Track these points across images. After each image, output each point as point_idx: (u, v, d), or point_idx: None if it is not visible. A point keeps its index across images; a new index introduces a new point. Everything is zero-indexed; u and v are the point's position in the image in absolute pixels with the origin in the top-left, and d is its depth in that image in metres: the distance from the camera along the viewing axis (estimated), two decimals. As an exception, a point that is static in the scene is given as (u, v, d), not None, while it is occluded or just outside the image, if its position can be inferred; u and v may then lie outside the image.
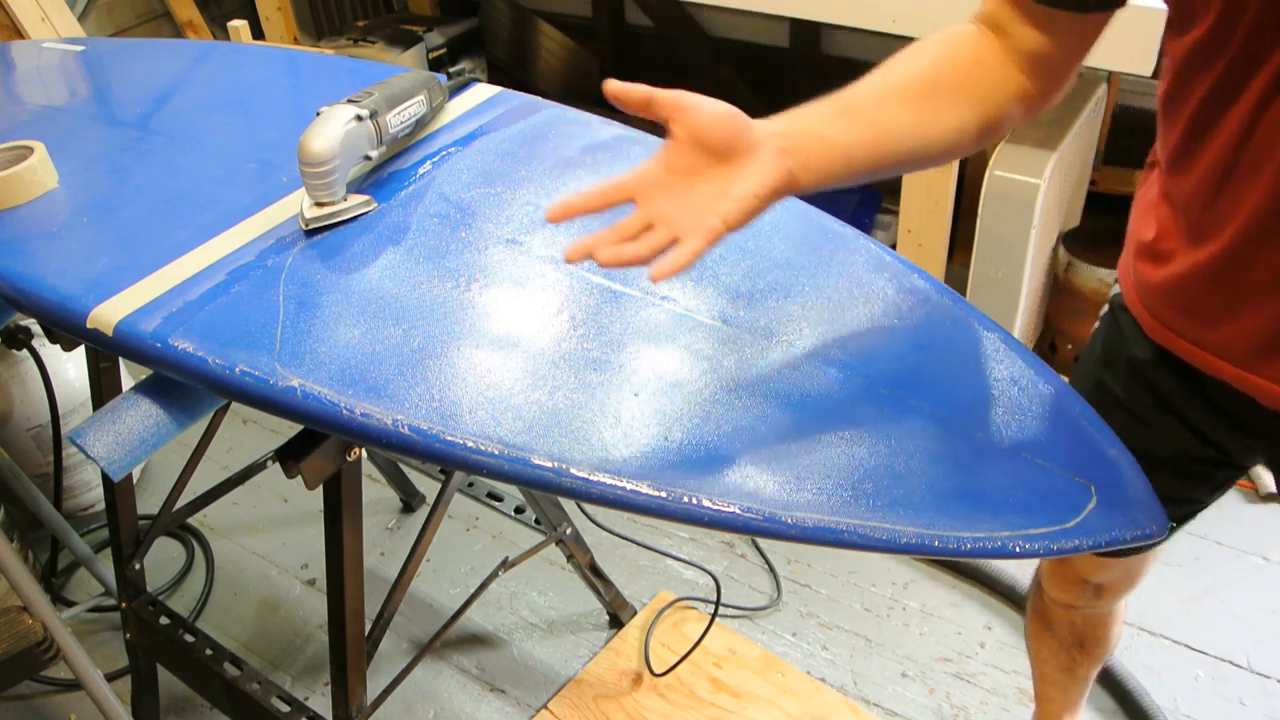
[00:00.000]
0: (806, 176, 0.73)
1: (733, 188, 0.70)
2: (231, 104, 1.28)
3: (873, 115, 0.75)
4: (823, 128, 0.74)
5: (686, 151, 0.71)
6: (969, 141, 0.78)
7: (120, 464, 0.86)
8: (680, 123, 0.71)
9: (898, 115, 0.75)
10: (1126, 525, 0.73)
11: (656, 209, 0.72)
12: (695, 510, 0.73)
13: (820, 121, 0.74)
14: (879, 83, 0.76)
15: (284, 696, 1.29)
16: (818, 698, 1.56)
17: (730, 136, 0.70)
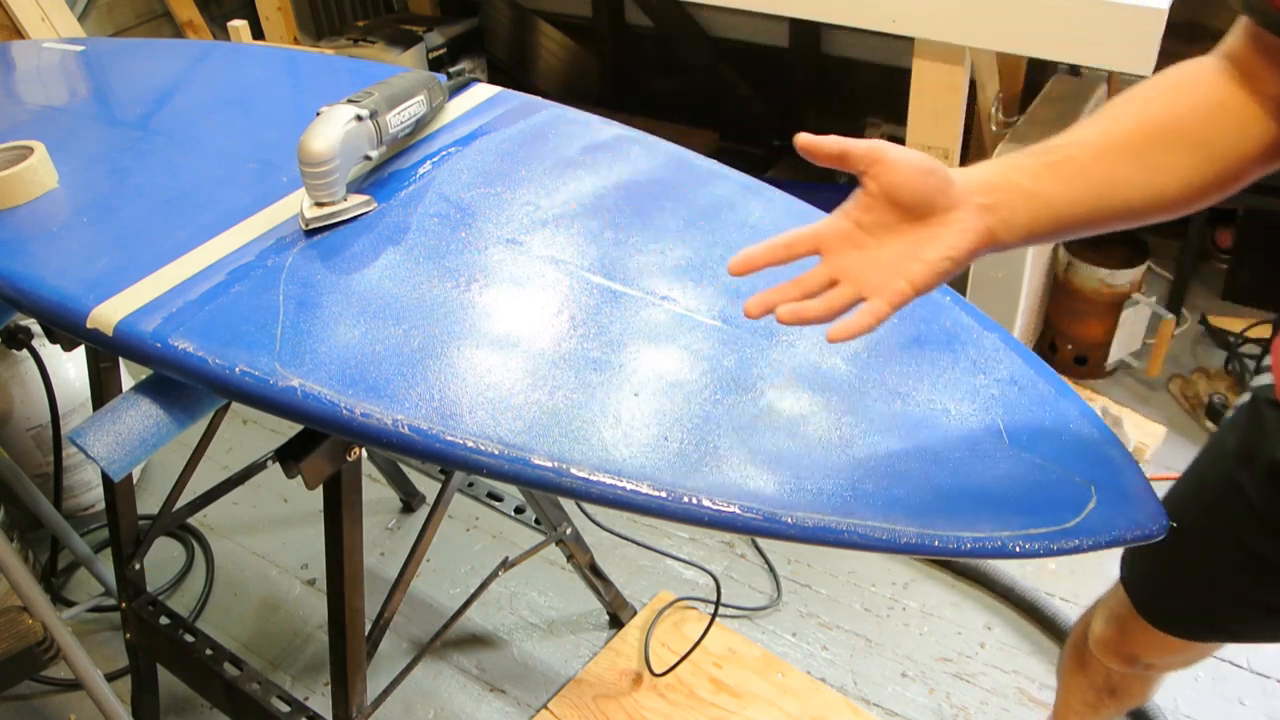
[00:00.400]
0: (1009, 235, 0.68)
1: (925, 249, 0.66)
2: (231, 104, 1.28)
3: (1090, 169, 0.68)
4: (1031, 182, 0.67)
5: (879, 207, 0.67)
6: (1202, 197, 0.69)
7: (120, 464, 0.86)
8: (875, 177, 0.67)
9: (1120, 168, 0.67)
10: (1127, 525, 0.73)
11: (841, 264, 0.68)
12: (695, 510, 0.73)
13: (1028, 175, 0.68)
14: (1101, 131, 0.69)
15: (284, 696, 1.29)
16: (818, 698, 1.56)
17: (928, 193, 0.66)
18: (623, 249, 0.95)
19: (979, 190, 0.67)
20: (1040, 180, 0.67)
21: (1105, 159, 0.68)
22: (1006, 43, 1.54)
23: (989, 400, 0.82)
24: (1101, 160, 0.68)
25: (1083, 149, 0.68)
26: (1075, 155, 0.68)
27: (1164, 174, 0.68)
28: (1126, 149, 0.68)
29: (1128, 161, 0.67)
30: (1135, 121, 0.68)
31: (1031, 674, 1.60)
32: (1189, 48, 2.26)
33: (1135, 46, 1.43)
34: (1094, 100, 2.03)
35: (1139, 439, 1.93)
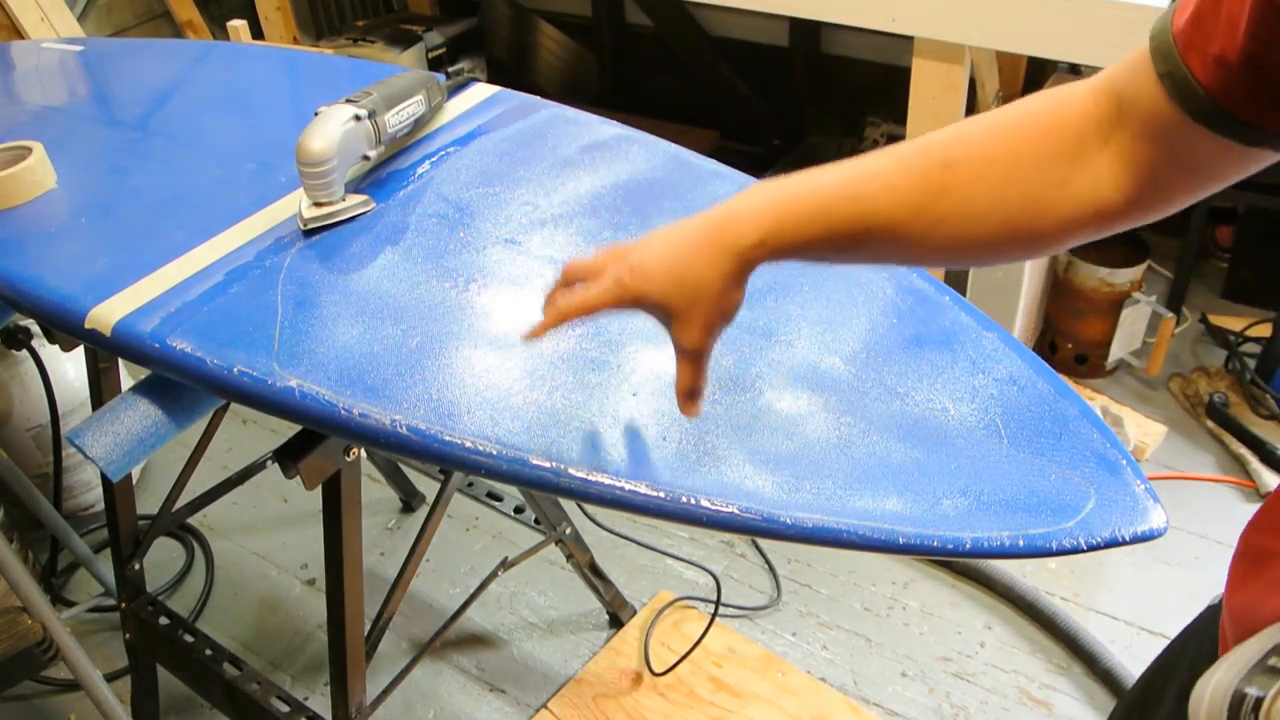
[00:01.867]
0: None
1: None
2: (230, 104, 1.28)
3: (857, 171, 0.61)
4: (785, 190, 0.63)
5: None
6: (992, 244, 0.59)
7: (119, 464, 0.86)
8: None
9: (893, 178, 0.60)
10: (1127, 525, 0.73)
11: None
12: (694, 510, 0.73)
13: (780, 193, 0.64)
14: (911, 147, 0.61)
15: (284, 696, 1.29)
16: (818, 697, 1.56)
17: None
18: (622, 249, 0.95)
19: None
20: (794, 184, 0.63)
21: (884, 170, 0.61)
22: (1006, 41, 1.54)
23: (988, 400, 0.82)
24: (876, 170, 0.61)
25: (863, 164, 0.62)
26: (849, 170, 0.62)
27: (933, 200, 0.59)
28: (918, 159, 0.61)
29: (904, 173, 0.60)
30: (945, 135, 0.61)
31: (1031, 674, 1.60)
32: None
33: (1135, 46, 1.42)
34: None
35: (1139, 438, 1.93)
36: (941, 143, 0.60)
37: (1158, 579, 1.72)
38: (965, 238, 0.60)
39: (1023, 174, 0.58)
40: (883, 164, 0.61)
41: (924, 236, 0.60)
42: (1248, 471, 1.89)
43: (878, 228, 0.61)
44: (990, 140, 0.59)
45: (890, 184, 0.60)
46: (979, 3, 1.50)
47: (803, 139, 2.88)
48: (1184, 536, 1.79)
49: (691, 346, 0.68)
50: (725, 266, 0.65)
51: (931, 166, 0.59)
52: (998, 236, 0.59)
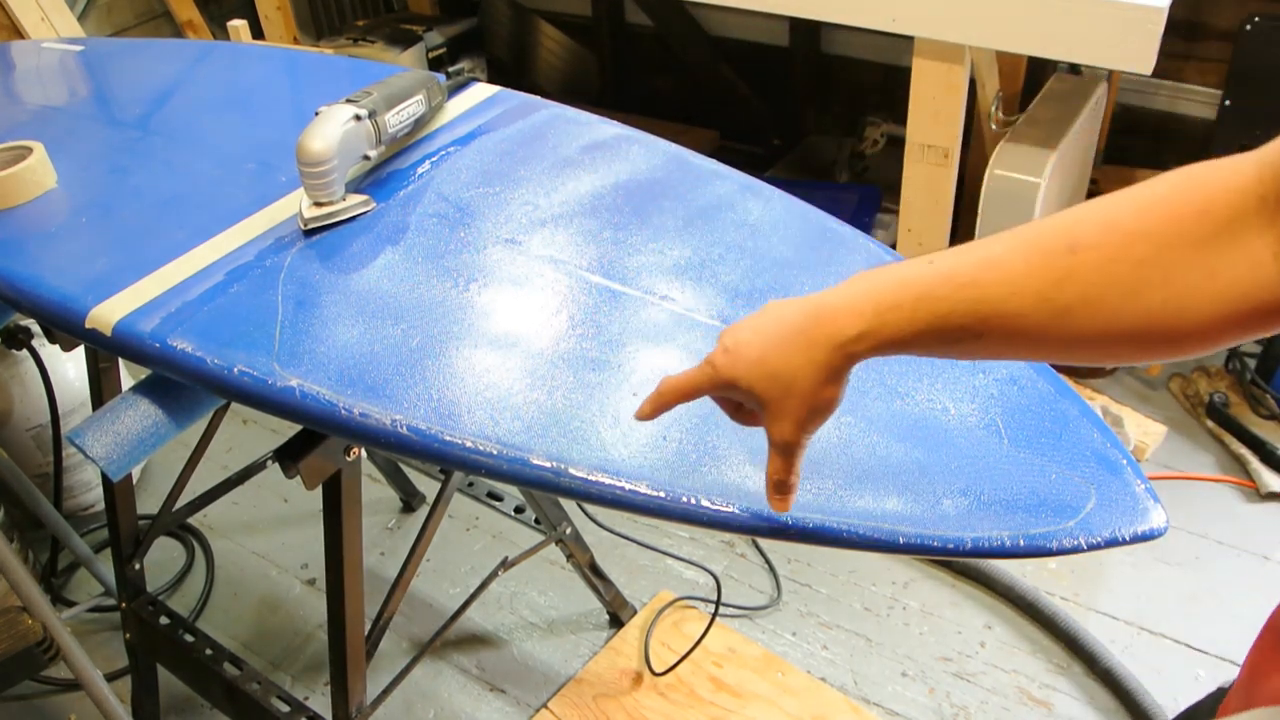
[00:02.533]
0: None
1: None
2: (231, 104, 1.28)
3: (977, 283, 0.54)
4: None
5: None
6: (1125, 342, 0.53)
7: (119, 464, 0.86)
8: None
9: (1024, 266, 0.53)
10: (1126, 525, 0.73)
11: None
12: (694, 510, 0.73)
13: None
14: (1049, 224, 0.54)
15: (284, 696, 1.29)
16: (818, 697, 1.56)
17: None
18: (622, 248, 0.95)
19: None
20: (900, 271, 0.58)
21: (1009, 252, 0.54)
22: (1006, 41, 1.54)
23: (989, 399, 0.82)
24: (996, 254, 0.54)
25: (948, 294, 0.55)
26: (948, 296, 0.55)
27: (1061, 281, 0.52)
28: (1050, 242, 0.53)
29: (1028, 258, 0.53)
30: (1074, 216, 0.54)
31: (1031, 673, 1.60)
32: (1189, 46, 2.26)
33: (1135, 45, 1.43)
34: (1094, 99, 2.03)
35: (1139, 438, 1.93)
36: (1067, 222, 0.54)
37: (1158, 579, 1.72)
38: (1094, 333, 0.52)
39: (1163, 260, 0.50)
40: (999, 247, 0.55)
41: (1045, 330, 0.53)
42: (1248, 471, 1.89)
43: (992, 318, 0.54)
44: (1124, 220, 0.52)
45: (1006, 269, 0.54)
46: (979, 3, 1.50)
47: (803, 139, 2.88)
48: (1184, 536, 1.79)
49: (781, 440, 0.64)
50: (821, 361, 0.59)
51: (1055, 250, 0.52)
52: (1132, 333, 0.52)
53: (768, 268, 0.93)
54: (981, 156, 1.98)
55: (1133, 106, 2.46)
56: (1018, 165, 1.79)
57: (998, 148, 1.83)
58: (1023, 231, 0.55)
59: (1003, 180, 1.79)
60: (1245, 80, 2.05)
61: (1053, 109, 1.96)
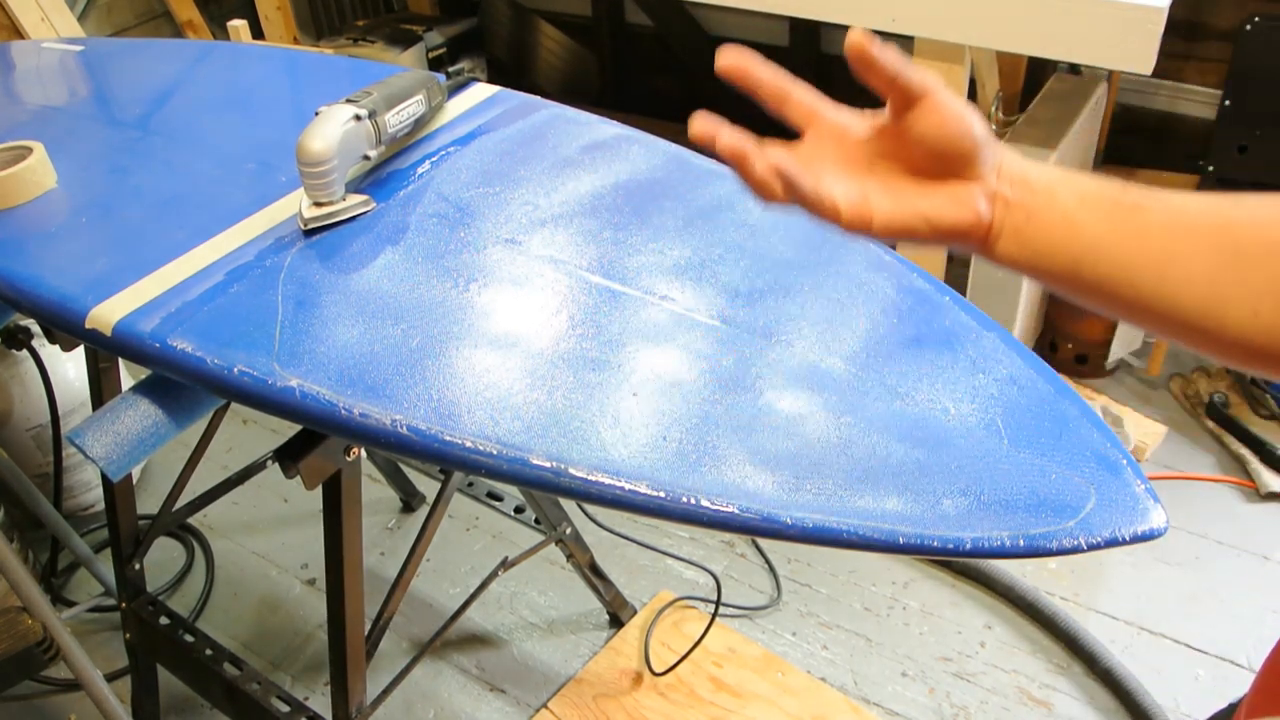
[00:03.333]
0: (1010, 245, 0.55)
1: (909, 196, 0.56)
2: (231, 104, 1.28)
3: (1154, 233, 0.53)
4: (1075, 205, 0.54)
5: (898, 138, 0.57)
6: (1254, 345, 0.52)
7: (119, 464, 0.86)
8: (919, 118, 0.56)
9: (1192, 257, 0.52)
10: (1126, 525, 0.73)
11: (818, 154, 0.58)
12: (694, 510, 0.73)
13: (1077, 197, 0.54)
14: (1207, 206, 0.54)
15: (284, 696, 1.29)
16: (818, 697, 1.56)
17: (952, 152, 0.55)
18: (622, 248, 0.95)
19: (1013, 180, 0.55)
20: (1088, 209, 0.54)
21: (1183, 235, 0.53)
22: (1006, 41, 1.54)
23: (989, 400, 0.82)
24: (1177, 234, 0.53)
25: (1163, 210, 0.53)
26: (1148, 209, 0.53)
27: (1228, 290, 0.51)
28: (1215, 235, 0.52)
29: (1207, 254, 0.52)
30: (1252, 215, 0.52)
31: (1031, 673, 1.60)
32: (1189, 46, 2.26)
33: (1135, 45, 1.43)
34: (1094, 99, 2.03)
35: (1139, 438, 1.93)
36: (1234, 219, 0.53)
37: (1158, 579, 1.72)
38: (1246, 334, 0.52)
39: None
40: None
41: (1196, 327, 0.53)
42: (1248, 471, 1.89)
43: (1154, 314, 0.54)
44: None
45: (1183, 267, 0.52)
46: (979, 3, 1.50)
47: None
48: (1184, 536, 1.79)
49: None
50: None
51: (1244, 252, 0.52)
52: None
53: (768, 268, 0.93)
54: (981, 156, 1.98)
55: (1133, 106, 2.46)
56: (1018, 165, 1.78)
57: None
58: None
59: (1003, 180, 1.78)
60: (1245, 80, 2.05)
61: (1053, 109, 1.96)
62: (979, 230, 0.56)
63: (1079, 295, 0.56)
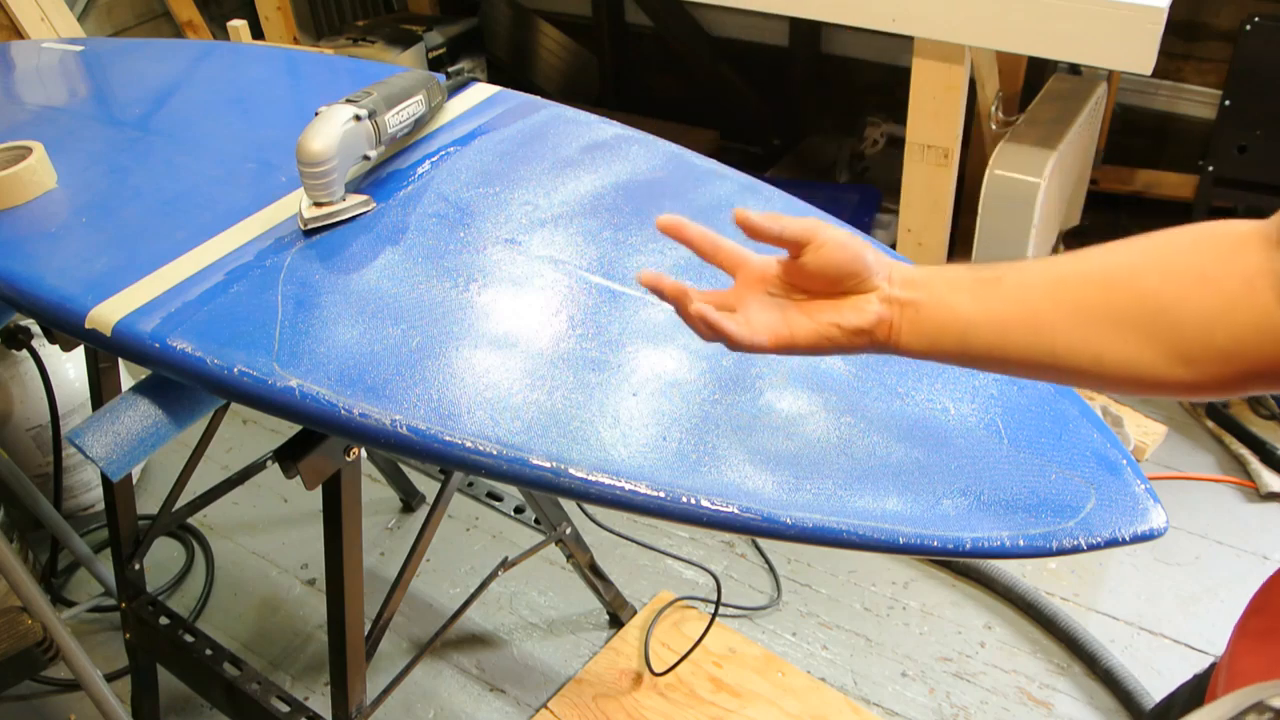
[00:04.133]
0: (910, 338, 0.64)
1: (821, 312, 0.66)
2: (231, 104, 1.28)
3: (1019, 301, 0.61)
4: (949, 291, 0.63)
5: (802, 274, 0.67)
6: (1156, 383, 0.58)
7: (119, 464, 0.86)
8: (805, 256, 0.66)
9: (1053, 313, 0.60)
10: (1126, 525, 0.73)
11: (745, 296, 0.69)
12: (694, 510, 0.73)
13: (949, 284, 0.64)
14: (1057, 264, 0.62)
15: (284, 696, 1.29)
16: (818, 697, 1.56)
17: (846, 272, 0.66)
18: (622, 248, 0.95)
19: (901, 284, 0.65)
20: (958, 291, 0.63)
21: (1039, 295, 0.61)
22: (1006, 41, 1.54)
23: (988, 399, 0.82)
24: (1033, 295, 0.61)
25: (1020, 277, 0.62)
26: (1003, 279, 0.62)
27: (1108, 341, 0.58)
28: (1064, 295, 0.60)
29: (1065, 310, 0.59)
30: (1100, 263, 0.60)
31: (1031, 673, 1.60)
32: (1189, 46, 2.26)
33: (1135, 45, 1.43)
34: (1094, 99, 2.03)
35: (1139, 438, 1.93)
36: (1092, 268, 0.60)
37: (1158, 579, 1.72)
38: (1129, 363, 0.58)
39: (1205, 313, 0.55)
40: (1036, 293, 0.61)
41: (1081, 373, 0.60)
42: (1248, 471, 1.89)
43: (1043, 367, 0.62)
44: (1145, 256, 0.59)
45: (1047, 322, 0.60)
46: (979, 3, 1.50)
47: (803, 139, 2.88)
48: (1184, 536, 1.79)
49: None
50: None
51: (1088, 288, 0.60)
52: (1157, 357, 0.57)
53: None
54: (981, 156, 1.98)
55: (1133, 106, 2.46)
56: (1018, 165, 1.79)
57: (998, 148, 1.83)
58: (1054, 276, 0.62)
59: (1003, 180, 1.79)
60: (1245, 80, 2.05)
61: (1053, 109, 1.96)
62: (882, 328, 0.65)
63: (979, 365, 0.65)
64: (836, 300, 0.66)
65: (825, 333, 0.66)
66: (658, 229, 0.71)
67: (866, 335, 0.65)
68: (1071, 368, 0.60)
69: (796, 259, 0.67)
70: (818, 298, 0.67)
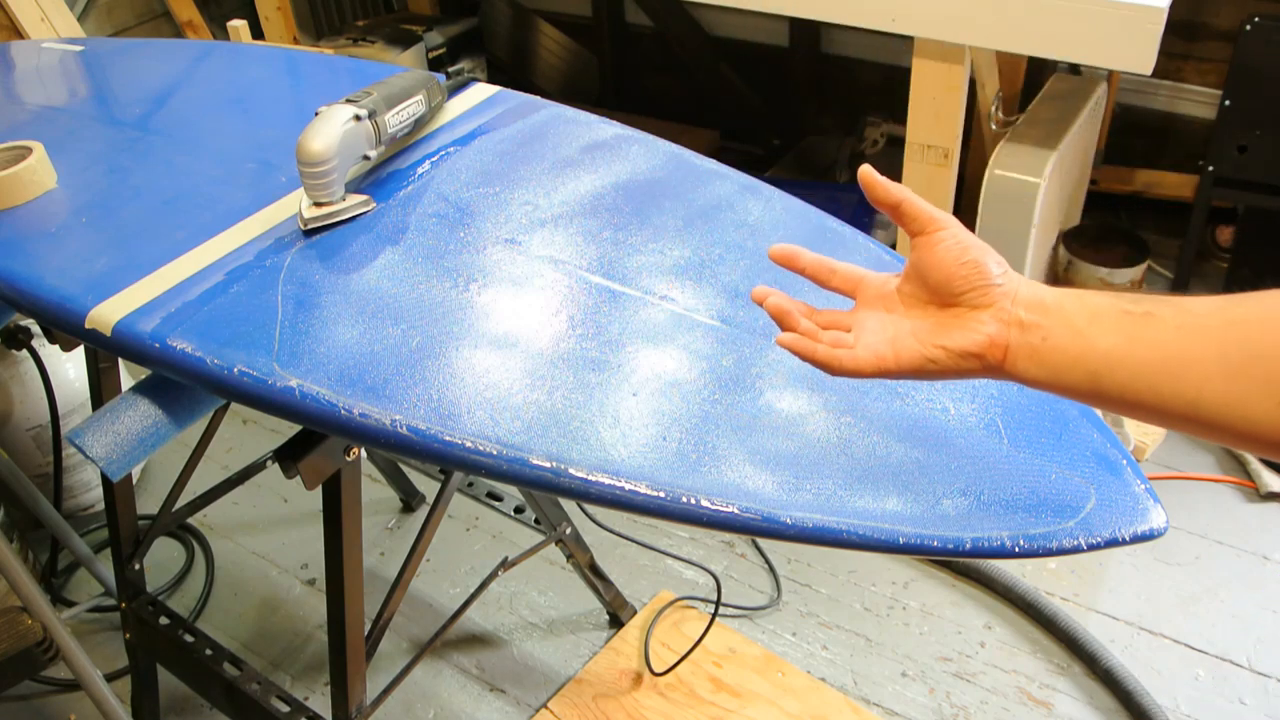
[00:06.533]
0: (1030, 365, 0.59)
1: (929, 333, 0.62)
2: (231, 104, 1.28)
3: (1168, 342, 0.55)
4: (1086, 321, 0.58)
5: (913, 279, 0.65)
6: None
7: (119, 464, 0.86)
8: (916, 248, 0.64)
9: (1205, 362, 0.54)
10: (1126, 525, 0.73)
11: (863, 318, 0.67)
12: (694, 510, 0.73)
13: (1088, 313, 0.58)
14: (1215, 307, 0.55)
15: (284, 696, 1.29)
16: (818, 697, 1.56)
17: (957, 284, 0.62)
18: (622, 248, 0.95)
19: (1027, 305, 0.60)
20: (1099, 324, 0.57)
21: (1194, 338, 0.54)
22: (1006, 41, 1.54)
23: (988, 399, 0.82)
24: (1188, 337, 0.55)
25: (1173, 315, 0.55)
26: (1158, 316, 0.56)
27: (1258, 392, 0.53)
28: (1227, 338, 0.54)
29: (1219, 359, 0.53)
30: (1259, 311, 0.54)
31: (1031, 673, 1.60)
32: (1189, 46, 2.26)
33: (1135, 45, 1.43)
34: (1094, 99, 2.03)
35: (1139, 438, 1.93)
36: None
37: (1158, 579, 1.72)
38: None
39: None
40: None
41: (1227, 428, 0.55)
42: (1248, 471, 1.89)
43: (1181, 418, 0.57)
44: None
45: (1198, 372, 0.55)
46: (979, 3, 1.50)
47: (803, 139, 2.88)
48: (1184, 536, 1.79)
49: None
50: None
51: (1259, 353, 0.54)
52: None
53: (768, 268, 0.93)
54: (981, 156, 1.98)
55: (1133, 106, 2.46)
56: (1018, 165, 1.79)
57: (998, 148, 1.83)
58: None
59: (1003, 180, 1.79)
60: (1245, 80, 2.05)
61: (1053, 109, 1.96)
62: (995, 351, 0.61)
63: (1102, 404, 0.60)
64: (947, 319, 0.62)
65: (930, 354, 0.62)
66: (770, 259, 0.69)
67: (976, 359, 0.61)
68: (1215, 423, 0.55)
69: (911, 258, 0.64)
70: (933, 310, 0.63)
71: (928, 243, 0.63)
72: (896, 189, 0.64)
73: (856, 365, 0.64)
